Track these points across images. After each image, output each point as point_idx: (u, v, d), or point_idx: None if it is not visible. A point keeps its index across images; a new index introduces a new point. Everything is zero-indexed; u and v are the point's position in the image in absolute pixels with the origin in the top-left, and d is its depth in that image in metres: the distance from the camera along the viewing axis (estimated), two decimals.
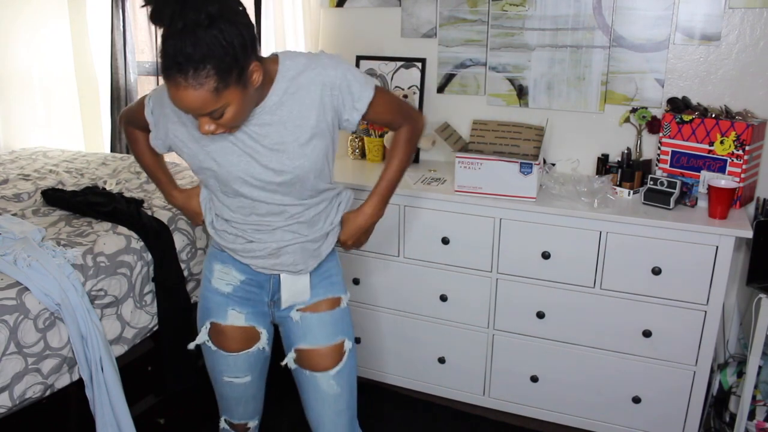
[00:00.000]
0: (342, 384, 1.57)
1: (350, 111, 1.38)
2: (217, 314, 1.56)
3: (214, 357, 1.60)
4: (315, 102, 1.34)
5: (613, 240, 2.16)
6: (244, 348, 1.58)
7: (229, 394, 1.65)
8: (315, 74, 1.33)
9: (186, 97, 1.17)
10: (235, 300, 1.55)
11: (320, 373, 1.55)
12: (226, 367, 1.59)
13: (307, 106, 1.33)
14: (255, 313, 1.57)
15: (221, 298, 1.55)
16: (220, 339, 1.57)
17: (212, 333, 1.57)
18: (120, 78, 3.44)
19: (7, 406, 1.66)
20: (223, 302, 1.55)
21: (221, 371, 1.61)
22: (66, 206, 2.25)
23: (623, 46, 2.42)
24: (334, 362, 1.55)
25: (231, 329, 1.56)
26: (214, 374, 1.64)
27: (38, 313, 1.74)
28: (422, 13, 2.71)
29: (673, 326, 2.16)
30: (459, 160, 2.29)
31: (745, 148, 2.13)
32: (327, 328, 1.55)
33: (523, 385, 2.44)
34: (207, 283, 1.59)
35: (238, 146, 1.35)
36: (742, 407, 2.10)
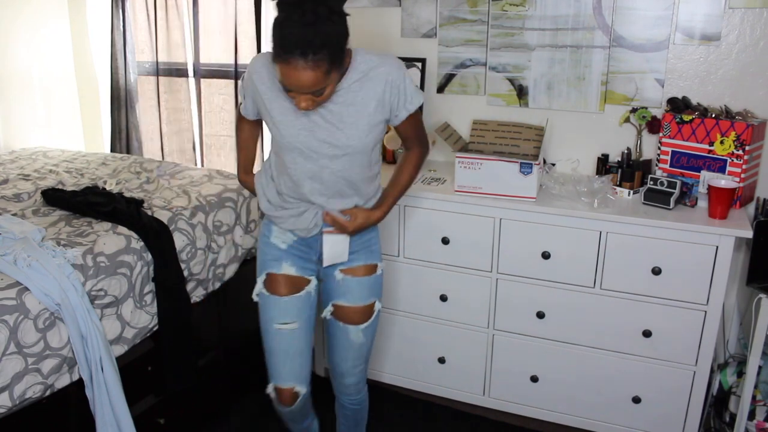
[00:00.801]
0: (367, 336, 1.88)
1: (401, 109, 1.65)
2: (272, 266, 1.81)
3: (267, 303, 1.81)
4: (377, 94, 1.60)
5: (613, 240, 2.16)
6: (293, 292, 1.80)
7: (279, 347, 1.80)
8: (383, 72, 1.59)
9: (302, 76, 1.41)
10: (289, 255, 1.80)
11: (352, 326, 1.84)
12: (276, 311, 1.80)
13: (370, 96, 1.59)
14: (304, 267, 1.82)
15: (278, 252, 1.81)
16: (273, 286, 1.80)
17: (267, 282, 1.81)
18: (120, 78, 3.44)
19: (7, 406, 1.66)
20: (279, 256, 1.81)
21: (272, 318, 1.80)
22: (66, 206, 2.25)
23: (623, 46, 2.42)
24: (365, 319, 1.85)
25: (283, 277, 1.80)
26: (266, 326, 1.82)
27: (38, 313, 1.74)
28: (422, 13, 2.71)
29: (673, 326, 2.16)
30: (459, 160, 2.29)
31: (745, 148, 2.13)
32: (363, 290, 1.83)
33: (523, 385, 2.44)
34: (266, 240, 1.83)
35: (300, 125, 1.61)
36: (742, 407, 2.10)
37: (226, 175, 2.69)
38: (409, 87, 1.64)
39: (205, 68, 3.34)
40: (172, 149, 3.52)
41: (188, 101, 3.45)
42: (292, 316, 1.80)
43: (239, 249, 2.49)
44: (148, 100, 3.49)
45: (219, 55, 3.30)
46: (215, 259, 2.37)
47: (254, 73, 1.66)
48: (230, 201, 2.49)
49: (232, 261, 2.46)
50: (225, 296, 2.46)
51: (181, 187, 2.53)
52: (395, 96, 1.62)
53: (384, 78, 1.59)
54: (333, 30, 1.41)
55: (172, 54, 3.37)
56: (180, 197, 2.41)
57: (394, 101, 1.63)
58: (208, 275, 2.35)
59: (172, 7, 3.29)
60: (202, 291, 2.33)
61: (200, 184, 2.56)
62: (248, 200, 2.56)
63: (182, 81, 3.42)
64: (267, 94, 1.64)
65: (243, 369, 2.63)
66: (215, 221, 2.39)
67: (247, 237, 2.54)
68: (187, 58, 3.37)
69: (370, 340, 1.90)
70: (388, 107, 1.63)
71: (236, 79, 3.20)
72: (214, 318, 2.43)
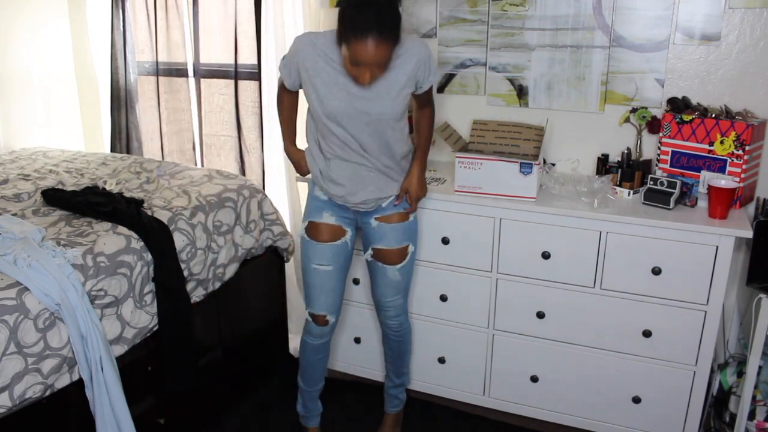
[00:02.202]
0: (403, 274, 2.18)
1: (424, 81, 1.96)
2: (314, 215, 2.10)
3: (307, 246, 2.11)
4: (408, 71, 1.90)
5: (613, 240, 2.16)
6: (331, 240, 2.09)
7: (315, 282, 2.12)
8: (414, 53, 1.89)
9: (377, 52, 1.71)
10: (329, 205, 2.09)
11: (389, 266, 2.14)
12: (315, 254, 2.10)
13: (403, 71, 1.89)
14: (342, 217, 2.10)
15: (320, 203, 2.10)
16: (314, 232, 2.10)
17: (309, 229, 2.10)
18: (120, 78, 3.44)
19: (7, 406, 1.66)
20: (320, 207, 2.10)
21: (311, 258, 2.11)
22: (66, 206, 2.25)
23: (623, 46, 2.42)
24: (401, 259, 2.14)
25: (323, 225, 2.09)
26: (305, 263, 2.13)
27: (38, 313, 1.74)
28: (422, 13, 2.71)
29: (673, 326, 2.16)
30: (459, 160, 2.29)
31: (745, 148, 2.13)
32: (398, 234, 2.12)
33: (523, 385, 2.44)
34: (311, 193, 2.14)
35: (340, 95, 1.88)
36: (742, 407, 2.10)
37: (226, 175, 2.69)
38: (432, 64, 1.96)
39: (205, 68, 3.34)
40: (172, 149, 3.52)
41: (188, 101, 3.45)
42: (327, 260, 2.10)
43: (239, 249, 2.49)
44: (148, 100, 3.49)
45: (219, 55, 3.30)
46: (215, 259, 2.37)
47: (299, 52, 1.92)
48: (230, 201, 2.48)
49: (232, 261, 2.46)
50: (225, 296, 2.46)
51: (181, 187, 2.53)
52: (422, 72, 1.93)
53: (416, 57, 1.90)
54: (397, 13, 1.78)
55: (172, 54, 3.37)
56: (180, 197, 2.41)
57: (420, 76, 1.94)
58: (208, 275, 2.35)
59: (172, 7, 3.29)
60: (202, 291, 2.33)
61: (200, 184, 2.56)
62: (248, 200, 2.56)
63: (182, 81, 3.42)
64: (311, 70, 1.91)
65: (243, 369, 2.63)
66: (215, 221, 2.39)
67: (247, 237, 2.54)
68: (187, 58, 3.36)
69: (407, 278, 2.20)
70: (415, 81, 1.94)
71: (236, 79, 3.20)
72: (214, 318, 2.43)
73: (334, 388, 2.67)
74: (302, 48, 1.92)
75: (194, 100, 3.43)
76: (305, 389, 2.32)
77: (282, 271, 2.82)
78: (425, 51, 1.93)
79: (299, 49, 1.93)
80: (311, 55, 1.90)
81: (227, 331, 2.50)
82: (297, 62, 1.94)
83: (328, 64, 1.89)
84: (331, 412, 2.51)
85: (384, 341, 2.36)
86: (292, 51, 1.96)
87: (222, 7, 3.20)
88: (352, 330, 2.64)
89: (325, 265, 2.10)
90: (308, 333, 2.21)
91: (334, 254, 2.11)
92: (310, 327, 2.19)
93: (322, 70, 1.89)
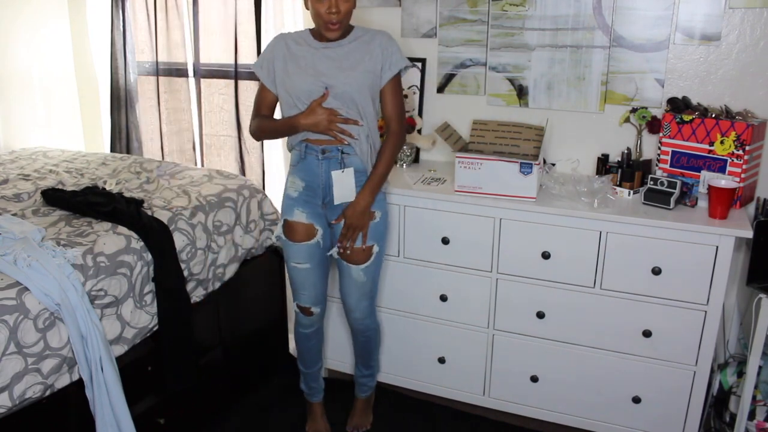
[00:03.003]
0: (368, 275, 2.20)
1: (387, 69, 2.05)
2: (287, 213, 2.16)
3: (285, 246, 2.20)
4: (372, 52, 2.03)
5: (613, 240, 2.16)
6: (304, 240, 2.15)
7: (296, 278, 2.22)
8: (378, 37, 2.05)
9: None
10: (299, 202, 2.14)
11: (354, 266, 2.17)
12: (292, 253, 2.18)
13: (366, 51, 2.03)
14: (313, 213, 2.14)
15: (290, 201, 2.15)
16: (289, 232, 2.17)
17: (284, 228, 2.18)
18: (120, 78, 3.44)
19: (7, 406, 1.66)
20: (291, 204, 2.15)
21: (289, 257, 2.19)
22: (66, 206, 2.25)
23: (623, 46, 2.42)
24: (365, 259, 2.16)
25: (296, 224, 2.14)
26: (286, 260, 2.22)
27: (38, 313, 1.74)
28: (422, 13, 2.71)
29: (673, 326, 2.16)
30: (459, 160, 2.29)
31: (745, 148, 2.13)
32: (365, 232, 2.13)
33: (523, 385, 2.44)
34: (285, 192, 2.19)
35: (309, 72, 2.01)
36: (742, 407, 2.10)
37: (226, 175, 2.69)
38: (396, 53, 2.06)
39: (205, 68, 3.34)
40: (172, 149, 3.52)
41: (188, 101, 3.45)
42: (304, 259, 2.17)
43: (239, 249, 2.49)
44: (148, 100, 3.49)
45: (219, 55, 3.30)
46: (215, 259, 2.37)
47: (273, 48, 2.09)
48: (230, 201, 2.48)
49: (232, 261, 2.46)
50: (225, 296, 2.46)
51: (181, 187, 2.53)
52: (385, 56, 2.04)
53: (378, 42, 2.04)
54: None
55: (172, 54, 3.37)
56: (180, 197, 2.41)
57: (383, 60, 2.04)
58: (208, 275, 2.35)
59: (172, 7, 3.29)
60: (202, 291, 2.33)
61: (200, 184, 2.56)
62: (248, 200, 2.56)
63: (182, 81, 3.42)
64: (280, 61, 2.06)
65: (243, 369, 2.63)
66: (215, 221, 2.39)
67: (247, 237, 2.54)
68: (187, 58, 3.36)
69: (371, 280, 2.22)
70: (380, 63, 2.03)
71: (236, 79, 3.20)
72: (214, 318, 2.43)
73: (334, 388, 2.67)
74: (274, 45, 2.10)
75: (194, 100, 3.43)
76: (306, 371, 2.42)
77: (282, 271, 2.82)
78: (388, 40, 2.07)
79: (271, 45, 2.11)
80: (281, 48, 2.07)
81: (227, 331, 2.50)
82: (271, 58, 2.08)
83: (298, 43, 2.06)
84: (331, 412, 2.51)
85: (352, 338, 2.42)
86: (266, 51, 2.12)
87: (222, 7, 3.21)
88: None
89: (302, 263, 2.17)
90: (299, 324, 2.32)
91: (309, 254, 2.16)
92: (300, 318, 2.30)
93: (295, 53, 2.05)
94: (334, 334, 2.71)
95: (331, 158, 2.06)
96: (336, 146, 2.05)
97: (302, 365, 2.42)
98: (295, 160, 2.14)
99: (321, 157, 2.06)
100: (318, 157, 2.07)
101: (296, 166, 2.13)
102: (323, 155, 2.06)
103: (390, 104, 2.10)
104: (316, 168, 2.08)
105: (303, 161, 2.10)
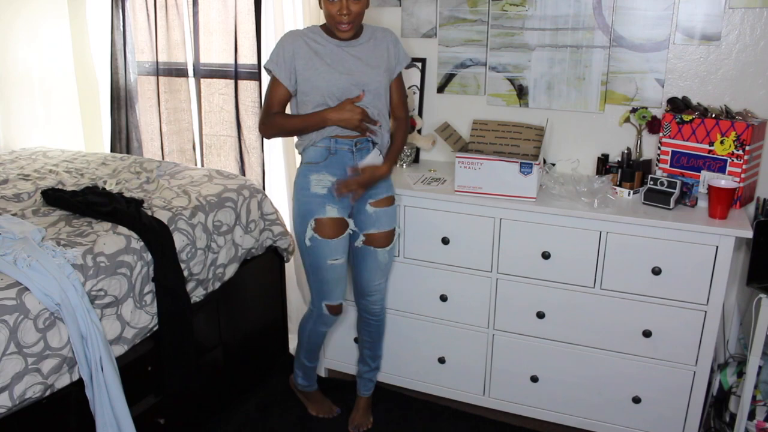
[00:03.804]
0: (391, 256, 2.33)
1: (397, 63, 2.20)
2: (318, 211, 2.14)
3: (320, 246, 2.16)
4: (387, 50, 2.17)
5: (613, 240, 2.16)
6: (339, 235, 2.17)
7: (332, 276, 2.21)
8: (385, 36, 2.18)
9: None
10: (329, 198, 2.14)
11: (380, 249, 2.26)
12: (330, 251, 2.17)
13: (381, 48, 2.16)
14: (342, 207, 2.17)
15: (320, 198, 2.14)
16: (323, 230, 2.15)
17: (318, 228, 2.14)
18: (120, 78, 3.44)
19: (7, 406, 1.66)
20: (321, 201, 2.14)
21: (326, 255, 2.17)
22: (66, 206, 2.25)
23: (623, 46, 2.42)
24: (389, 242, 2.27)
25: (330, 221, 2.15)
26: (320, 262, 2.18)
27: (38, 313, 1.74)
28: (422, 13, 2.71)
29: (673, 326, 2.16)
30: (459, 160, 2.29)
31: (745, 148, 2.13)
32: (390, 218, 2.26)
33: (523, 385, 2.44)
34: (306, 191, 2.15)
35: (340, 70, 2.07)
36: (742, 407, 2.10)
37: (226, 175, 2.69)
38: (402, 48, 2.22)
39: (205, 68, 3.34)
40: (172, 149, 3.52)
41: (188, 101, 3.45)
42: (340, 253, 2.20)
43: (239, 249, 2.49)
44: (148, 100, 3.49)
45: (219, 55, 3.30)
46: (215, 259, 2.37)
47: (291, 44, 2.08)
48: (230, 201, 2.48)
49: (232, 261, 2.46)
50: (225, 296, 2.46)
51: (181, 187, 2.53)
52: (395, 52, 2.19)
53: (387, 38, 2.18)
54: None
55: (172, 54, 3.37)
56: (180, 197, 2.41)
57: (395, 56, 2.18)
58: (208, 275, 2.35)
59: (172, 7, 3.29)
60: (202, 291, 2.33)
61: (200, 184, 2.56)
62: (248, 200, 2.56)
63: (182, 81, 3.42)
64: (302, 59, 2.07)
65: (243, 369, 2.63)
66: (215, 221, 2.39)
67: (247, 237, 2.54)
68: (187, 58, 3.36)
69: (392, 260, 2.36)
70: (393, 60, 2.18)
71: (236, 79, 3.20)
72: (214, 318, 2.43)
73: (334, 388, 2.67)
74: (291, 41, 2.08)
75: (194, 100, 3.43)
76: (309, 365, 2.48)
77: (282, 271, 2.82)
78: (392, 36, 2.20)
79: (287, 42, 2.08)
80: (301, 45, 2.08)
81: (227, 331, 2.50)
82: (291, 55, 2.06)
83: (317, 41, 2.09)
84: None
85: (362, 328, 2.44)
86: (282, 48, 2.08)
87: (222, 7, 3.20)
88: (351, 330, 2.64)
89: (339, 258, 2.20)
90: (323, 323, 2.33)
91: (344, 247, 2.21)
92: (326, 318, 2.31)
93: (317, 50, 2.07)
94: (334, 334, 2.71)
95: (363, 149, 2.15)
96: (366, 138, 2.14)
97: (308, 360, 2.46)
98: (319, 156, 2.13)
99: (355, 150, 2.13)
100: (352, 150, 2.13)
101: (322, 163, 2.13)
102: (357, 148, 2.14)
103: (396, 94, 2.24)
104: (350, 161, 2.13)
105: (333, 156, 2.13)
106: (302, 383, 2.52)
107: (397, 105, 2.26)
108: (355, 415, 2.49)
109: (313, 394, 2.56)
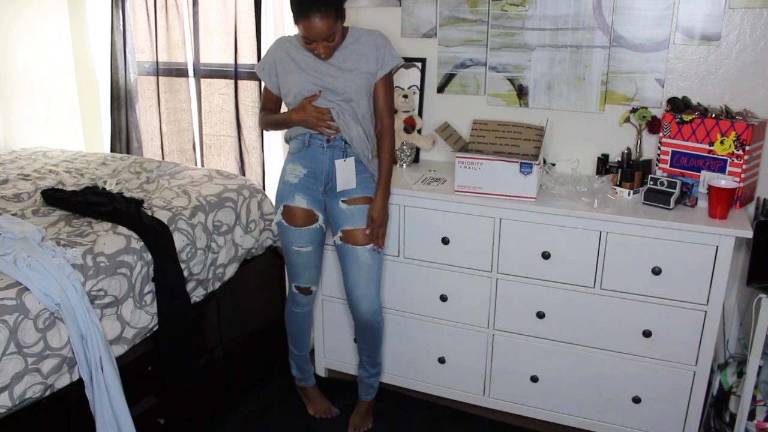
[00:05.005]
0: (375, 258, 2.25)
1: (381, 67, 2.15)
2: (287, 199, 2.23)
3: (286, 231, 2.26)
4: (367, 54, 2.13)
5: (613, 240, 2.16)
6: (306, 225, 2.24)
7: (297, 261, 2.30)
8: (371, 38, 2.15)
9: (322, 26, 1.95)
10: (299, 188, 2.21)
11: (360, 247, 2.22)
12: (295, 238, 2.26)
13: (362, 54, 2.13)
14: (313, 200, 2.22)
15: (290, 187, 2.22)
16: (289, 217, 2.24)
17: (285, 214, 2.24)
18: (120, 78, 3.44)
19: (7, 406, 1.66)
20: (291, 190, 2.22)
21: (291, 242, 2.27)
22: (66, 206, 2.25)
23: (623, 46, 2.42)
24: (369, 240, 2.22)
25: (297, 209, 2.22)
26: (286, 246, 2.30)
27: (38, 313, 1.74)
28: (422, 13, 2.71)
29: (673, 326, 2.16)
30: (459, 160, 2.29)
31: (745, 148, 2.13)
32: (365, 215, 2.22)
33: (523, 385, 2.44)
34: (282, 179, 2.26)
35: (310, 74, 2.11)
36: (742, 407, 2.10)
37: (226, 175, 2.69)
38: (390, 51, 2.16)
39: (205, 68, 3.34)
40: (172, 149, 3.52)
41: (188, 101, 3.45)
42: (306, 242, 2.26)
43: (239, 249, 2.49)
44: (148, 100, 3.49)
45: (219, 55, 3.30)
46: (215, 259, 2.37)
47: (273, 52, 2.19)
48: (230, 201, 2.48)
49: (232, 261, 2.46)
50: (225, 296, 2.46)
51: (181, 187, 2.53)
52: (380, 55, 2.14)
53: (373, 42, 2.14)
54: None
55: (172, 54, 3.37)
56: (180, 197, 2.41)
57: (379, 57, 2.14)
58: (208, 275, 2.35)
59: (172, 7, 3.29)
60: (202, 291, 2.33)
61: (200, 184, 2.56)
62: (248, 200, 2.56)
63: (182, 81, 3.42)
64: (281, 65, 2.16)
65: (243, 369, 2.63)
66: (215, 221, 2.39)
67: (247, 237, 2.54)
68: (187, 58, 3.37)
69: (377, 262, 2.27)
70: (375, 63, 2.14)
71: (236, 79, 3.20)
72: (214, 318, 2.43)
73: (334, 388, 2.67)
74: (275, 49, 2.20)
75: (194, 100, 3.43)
76: (298, 354, 2.51)
77: (282, 271, 2.82)
78: (382, 39, 2.17)
79: (273, 49, 2.21)
80: (281, 52, 2.17)
81: (227, 331, 2.50)
82: (273, 62, 2.19)
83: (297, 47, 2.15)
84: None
85: (358, 335, 2.41)
86: (268, 55, 2.22)
87: (222, 7, 3.21)
88: (351, 330, 2.64)
89: (305, 246, 2.27)
90: (296, 304, 2.40)
91: (311, 237, 2.27)
92: (298, 298, 2.38)
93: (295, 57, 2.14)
94: (334, 334, 2.71)
95: (335, 147, 2.16)
96: (340, 136, 2.15)
97: (295, 347, 2.49)
98: (296, 148, 2.22)
99: (326, 146, 2.16)
100: (323, 146, 2.16)
101: (297, 154, 2.21)
102: (328, 144, 2.16)
103: (382, 99, 2.20)
104: (320, 155, 2.17)
105: (306, 149, 2.19)
106: (296, 375, 2.55)
107: (381, 111, 2.21)
108: (355, 417, 2.49)
109: (310, 391, 2.56)
